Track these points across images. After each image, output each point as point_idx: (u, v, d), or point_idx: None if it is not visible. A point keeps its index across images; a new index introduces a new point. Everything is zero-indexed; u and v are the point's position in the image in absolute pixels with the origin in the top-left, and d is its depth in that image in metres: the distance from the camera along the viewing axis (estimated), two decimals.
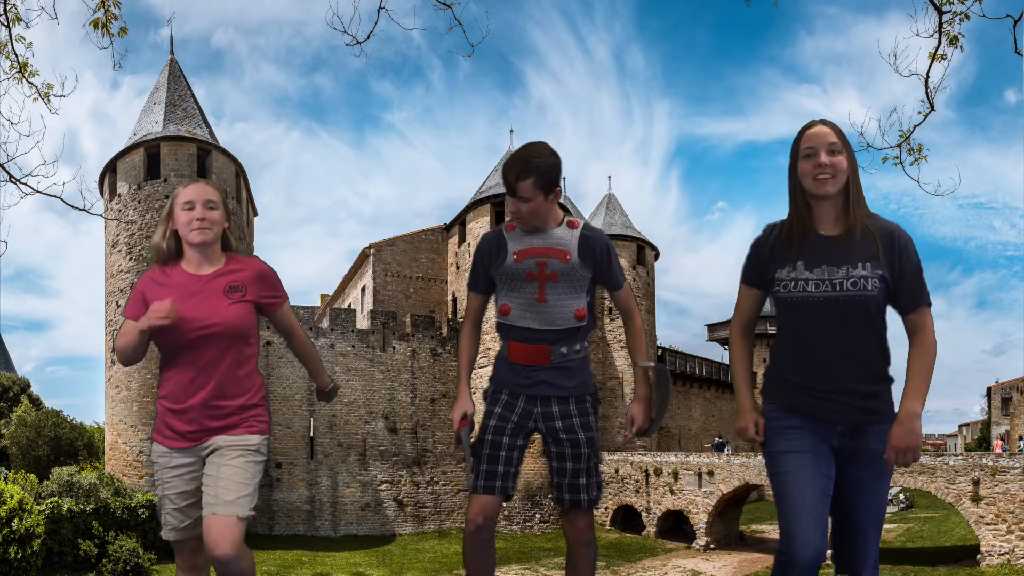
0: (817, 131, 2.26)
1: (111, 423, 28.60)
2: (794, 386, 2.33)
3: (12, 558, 17.33)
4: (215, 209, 2.50)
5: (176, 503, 2.51)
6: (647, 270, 40.35)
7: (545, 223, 2.62)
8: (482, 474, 2.65)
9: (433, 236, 37.97)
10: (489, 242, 2.73)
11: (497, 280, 2.67)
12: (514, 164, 2.53)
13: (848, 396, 2.26)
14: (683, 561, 26.24)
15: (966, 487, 22.12)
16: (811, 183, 2.25)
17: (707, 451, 36.86)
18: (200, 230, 2.47)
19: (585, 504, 2.66)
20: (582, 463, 2.64)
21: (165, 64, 31.24)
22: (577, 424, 2.63)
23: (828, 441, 2.30)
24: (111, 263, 29.38)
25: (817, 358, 2.27)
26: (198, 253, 2.53)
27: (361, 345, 31.22)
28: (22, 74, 5.72)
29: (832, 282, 2.22)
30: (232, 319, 2.45)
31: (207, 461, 2.48)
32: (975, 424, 64.76)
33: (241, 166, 30.59)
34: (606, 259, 2.62)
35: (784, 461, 2.30)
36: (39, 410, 35.60)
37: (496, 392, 2.72)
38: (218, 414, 2.46)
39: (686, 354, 49.87)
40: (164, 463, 2.52)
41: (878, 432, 2.26)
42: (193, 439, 2.48)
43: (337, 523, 30.16)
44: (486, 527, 2.66)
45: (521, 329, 2.61)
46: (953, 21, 5.02)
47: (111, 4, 5.29)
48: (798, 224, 2.31)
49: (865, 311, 2.22)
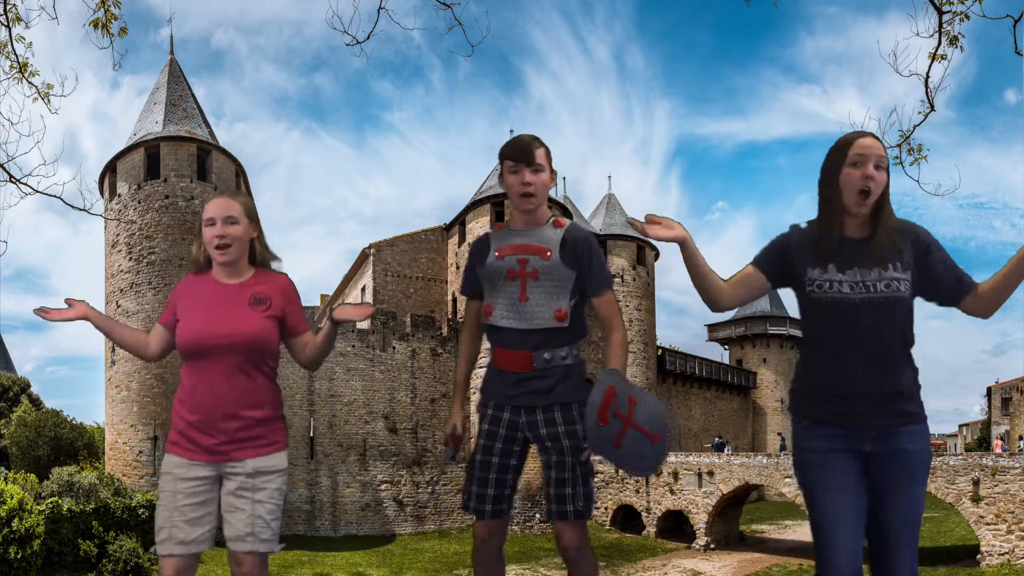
0: (870, 142, 2.24)
1: (111, 423, 28.60)
2: (823, 394, 2.29)
3: (12, 558, 17.33)
4: (236, 224, 2.50)
5: (187, 515, 2.44)
6: (647, 270, 40.35)
7: (538, 217, 2.60)
8: (472, 496, 2.62)
9: (433, 236, 37.97)
10: (477, 243, 2.72)
11: (482, 280, 2.65)
12: (521, 137, 2.55)
13: (879, 398, 2.23)
14: (683, 561, 26.24)
15: (966, 487, 22.12)
16: (854, 198, 2.22)
17: (707, 451, 36.85)
18: (220, 248, 2.49)
19: (571, 515, 2.53)
20: (566, 472, 2.54)
21: (165, 64, 31.22)
22: (562, 432, 2.54)
23: (859, 450, 2.26)
24: (111, 263, 29.37)
25: (848, 361, 2.24)
26: (223, 266, 2.56)
27: (361, 345, 31.22)
28: (22, 74, 5.72)
29: (866, 284, 2.21)
30: (256, 331, 2.45)
31: (237, 484, 2.46)
32: (975, 424, 64.77)
33: (241, 166, 30.58)
34: (587, 258, 2.55)
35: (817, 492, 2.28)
36: (39, 410, 35.59)
37: (484, 406, 2.68)
38: (240, 426, 2.45)
39: (686, 354, 49.83)
40: (180, 474, 2.46)
41: (911, 433, 2.25)
42: (219, 454, 2.45)
43: (337, 523, 30.16)
44: (490, 543, 2.64)
45: (504, 331, 2.57)
46: (953, 21, 5.02)
47: (111, 4, 5.29)
48: (829, 227, 2.28)
49: (898, 312, 2.22)
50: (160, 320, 2.60)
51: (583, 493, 2.55)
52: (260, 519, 2.43)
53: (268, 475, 2.47)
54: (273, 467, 2.48)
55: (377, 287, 36.16)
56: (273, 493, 2.47)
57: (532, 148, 2.52)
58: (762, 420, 55.44)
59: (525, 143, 2.54)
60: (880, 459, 2.26)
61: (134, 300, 28.04)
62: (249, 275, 2.57)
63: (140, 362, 27.35)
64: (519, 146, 2.53)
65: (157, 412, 26.97)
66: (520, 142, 2.55)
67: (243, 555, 2.43)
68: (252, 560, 2.44)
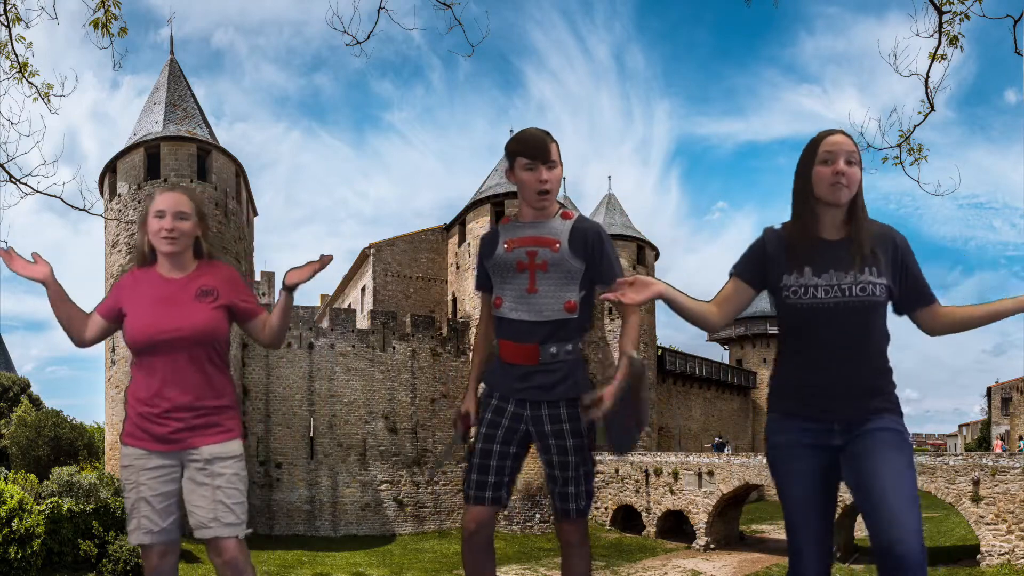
0: (838, 139, 2.27)
1: (111, 423, 28.61)
2: (793, 390, 2.35)
3: (12, 558, 17.33)
4: (186, 220, 2.50)
5: (154, 504, 2.48)
6: (647, 270, 40.33)
7: (546, 212, 2.61)
8: (473, 483, 2.64)
9: (433, 236, 37.96)
10: (486, 237, 2.73)
11: (491, 272, 2.65)
12: (534, 133, 2.53)
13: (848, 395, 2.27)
14: (683, 561, 26.24)
15: (966, 487, 22.12)
16: (827, 189, 2.25)
17: (707, 451, 36.86)
18: (167, 239, 2.49)
19: (573, 514, 2.62)
20: (570, 471, 2.59)
21: (165, 64, 31.24)
22: (567, 430, 2.58)
23: (829, 445, 2.30)
24: (111, 263, 29.38)
25: (821, 361, 2.28)
26: (168, 259, 2.55)
27: (361, 345, 31.22)
28: (22, 74, 5.72)
29: (841, 287, 2.23)
30: (203, 323, 2.46)
31: (196, 471, 2.48)
32: (975, 424, 64.78)
33: (241, 166, 30.60)
34: (598, 249, 2.56)
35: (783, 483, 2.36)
36: (39, 410, 35.57)
37: (488, 396, 2.70)
38: (194, 415, 2.47)
39: (686, 354, 49.83)
40: (140, 465, 2.49)
41: (880, 419, 2.26)
42: (172, 442, 2.47)
43: (337, 523, 30.16)
44: (480, 534, 2.67)
45: (512, 323, 2.58)
46: (953, 21, 5.03)
47: (111, 4, 5.30)
48: (803, 229, 2.31)
49: (873, 316, 2.25)
50: (99, 309, 2.55)
51: (584, 492, 2.63)
52: (222, 504, 2.46)
53: (225, 460, 2.49)
54: (229, 453, 2.51)
55: (377, 287, 36.15)
56: (232, 478, 2.49)
57: (548, 145, 2.50)
58: (762, 420, 55.16)
59: (540, 139, 2.51)
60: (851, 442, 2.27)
61: None
62: (193, 268, 2.58)
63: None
64: (534, 143, 2.51)
65: None
66: (534, 139, 2.52)
67: (221, 543, 2.46)
68: (230, 546, 2.46)
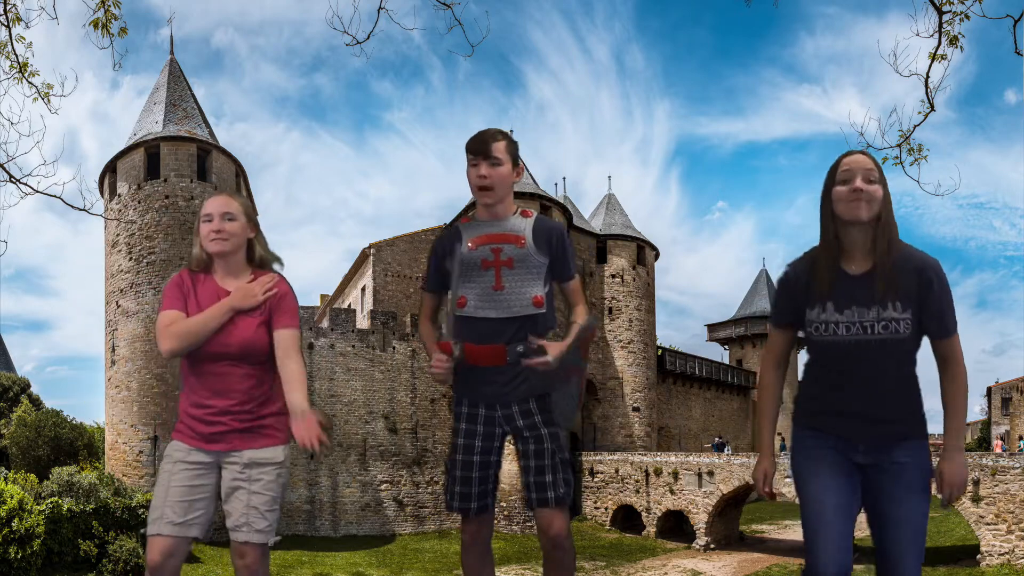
0: (855, 158, 2.26)
1: (111, 423, 28.59)
2: (819, 409, 2.37)
3: (12, 558, 17.34)
4: (233, 220, 2.54)
5: (180, 497, 2.48)
6: (647, 270, 40.36)
7: (503, 209, 2.62)
8: (456, 496, 2.64)
9: (433, 236, 37.97)
10: (443, 237, 2.72)
11: (453, 272, 2.63)
12: (484, 131, 2.56)
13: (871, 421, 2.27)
14: (683, 561, 26.25)
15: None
16: (845, 207, 2.22)
17: (707, 451, 36.87)
18: (216, 240, 2.52)
19: (552, 502, 2.55)
20: (546, 459, 2.58)
21: (165, 64, 31.24)
22: (539, 420, 2.59)
23: (850, 457, 2.31)
24: (111, 263, 29.38)
25: (845, 391, 2.29)
26: (221, 266, 2.59)
27: (361, 345, 31.23)
28: (22, 74, 5.72)
29: (863, 324, 2.21)
30: (248, 339, 2.50)
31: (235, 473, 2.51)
32: (975, 424, 64.72)
33: (241, 166, 30.60)
34: (560, 246, 2.61)
35: (806, 481, 2.35)
36: (39, 410, 35.57)
37: (458, 404, 2.69)
38: (240, 419, 2.52)
39: (686, 354, 49.84)
40: (179, 457, 2.52)
41: (906, 447, 2.27)
42: (217, 441, 2.50)
43: (337, 523, 30.16)
44: (478, 541, 2.69)
45: (477, 323, 2.56)
46: (953, 21, 5.02)
47: (111, 4, 5.29)
48: (827, 258, 2.28)
49: (896, 353, 2.23)
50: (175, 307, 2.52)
51: (563, 479, 2.58)
52: (255, 509, 2.48)
53: (264, 467, 2.52)
54: (269, 459, 2.54)
55: (377, 287, 36.16)
56: (269, 485, 2.52)
57: (489, 141, 2.53)
58: None
59: (484, 136, 2.55)
60: (875, 472, 2.29)
61: (134, 300, 28.04)
62: (247, 277, 2.60)
63: (140, 362, 27.38)
64: (477, 139, 2.55)
65: (157, 412, 26.90)
66: (479, 135, 2.56)
67: (244, 547, 2.48)
68: (253, 552, 2.48)
